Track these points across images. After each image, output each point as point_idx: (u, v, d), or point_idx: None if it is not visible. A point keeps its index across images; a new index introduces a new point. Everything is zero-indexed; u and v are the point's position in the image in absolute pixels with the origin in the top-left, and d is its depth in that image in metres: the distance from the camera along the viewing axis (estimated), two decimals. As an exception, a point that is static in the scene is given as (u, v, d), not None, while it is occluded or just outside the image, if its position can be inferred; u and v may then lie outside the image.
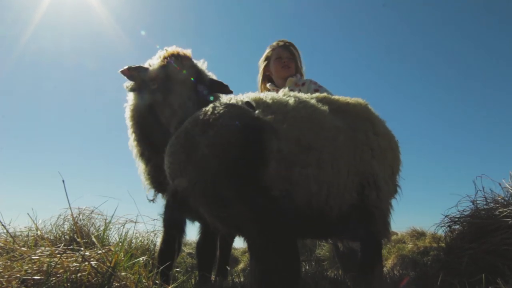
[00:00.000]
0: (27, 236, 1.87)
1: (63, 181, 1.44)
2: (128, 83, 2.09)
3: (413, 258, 3.74)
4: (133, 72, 2.05)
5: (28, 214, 1.85)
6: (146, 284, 1.30)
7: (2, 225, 1.61)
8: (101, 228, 1.95)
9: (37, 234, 1.82)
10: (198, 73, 2.05)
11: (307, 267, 2.84)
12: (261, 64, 3.51)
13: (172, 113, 1.83)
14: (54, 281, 1.12)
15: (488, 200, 2.02)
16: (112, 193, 2.11)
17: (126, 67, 2.04)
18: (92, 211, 2.12)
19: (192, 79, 2.00)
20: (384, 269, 3.36)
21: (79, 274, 1.17)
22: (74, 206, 2.08)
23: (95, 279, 1.19)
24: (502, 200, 1.93)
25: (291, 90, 2.99)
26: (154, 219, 2.05)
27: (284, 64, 3.30)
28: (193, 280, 1.48)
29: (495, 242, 1.66)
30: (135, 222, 1.92)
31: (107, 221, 1.88)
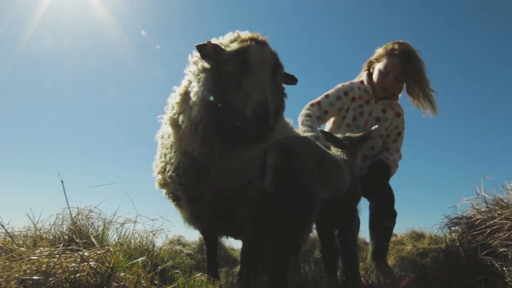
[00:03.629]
0: (26, 236, 1.86)
1: (62, 181, 1.44)
2: (199, 64, 1.92)
3: (412, 260, 3.75)
4: (211, 50, 1.86)
5: (27, 214, 1.85)
6: (145, 284, 1.30)
7: (1, 225, 1.61)
8: (100, 228, 1.95)
9: (36, 234, 1.82)
10: (277, 61, 1.92)
11: (306, 268, 2.84)
12: (374, 58, 2.94)
13: (247, 97, 1.70)
14: (53, 281, 1.12)
15: (488, 202, 2.02)
16: (111, 193, 2.10)
17: (206, 41, 1.87)
18: (91, 211, 2.11)
19: (270, 66, 1.86)
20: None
21: (78, 275, 1.16)
22: (73, 206, 2.07)
23: (94, 279, 1.19)
24: (502, 202, 1.93)
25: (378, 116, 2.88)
26: (153, 219, 2.04)
27: (386, 85, 2.78)
28: (192, 281, 1.48)
29: (495, 244, 1.66)
30: (134, 222, 1.92)
31: (106, 221, 1.88)
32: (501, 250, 1.61)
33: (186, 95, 1.97)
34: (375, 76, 2.87)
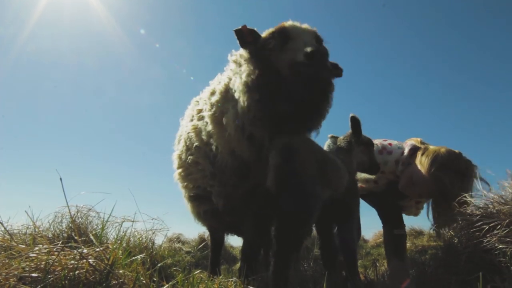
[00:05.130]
0: (25, 233, 1.86)
1: (61, 179, 1.43)
2: (237, 53, 1.86)
3: (412, 257, 3.75)
4: (249, 36, 1.77)
5: (26, 212, 1.84)
6: (144, 281, 1.30)
7: (0, 223, 1.60)
8: (99, 226, 1.95)
9: (35, 231, 1.82)
10: (318, 35, 1.78)
11: (305, 266, 2.85)
12: (423, 151, 2.36)
13: (293, 55, 1.58)
14: (52, 278, 1.12)
15: (486, 199, 2.02)
16: (111, 191, 2.10)
17: (241, 26, 1.75)
18: (90, 209, 2.11)
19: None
20: (383, 267, 3.37)
21: (77, 272, 1.16)
22: (72, 204, 2.07)
23: (93, 276, 1.19)
24: (500, 199, 1.93)
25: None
26: (152, 218, 2.04)
27: (406, 192, 2.45)
28: (191, 279, 1.48)
29: (493, 240, 1.66)
30: (133, 221, 1.91)
31: (105, 219, 1.88)
32: (499, 246, 1.61)
33: (226, 93, 1.92)
34: (404, 175, 2.45)
